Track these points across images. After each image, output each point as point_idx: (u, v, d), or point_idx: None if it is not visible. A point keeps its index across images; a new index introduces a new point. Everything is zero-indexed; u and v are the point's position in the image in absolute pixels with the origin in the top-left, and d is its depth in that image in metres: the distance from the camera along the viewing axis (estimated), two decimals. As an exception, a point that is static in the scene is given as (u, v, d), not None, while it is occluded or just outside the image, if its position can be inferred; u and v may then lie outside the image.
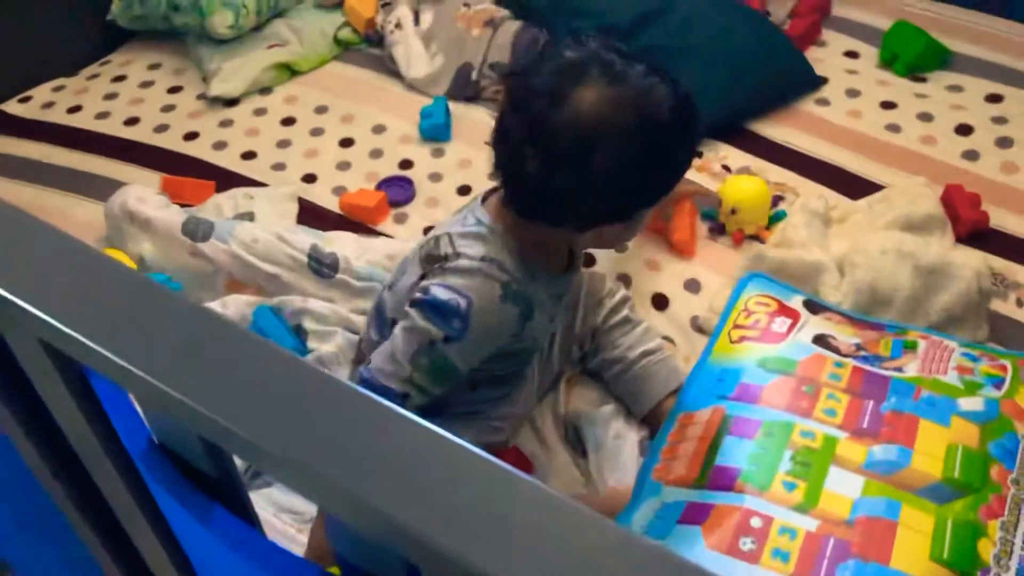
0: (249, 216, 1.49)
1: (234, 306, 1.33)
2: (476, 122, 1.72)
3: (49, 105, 1.84)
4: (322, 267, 1.38)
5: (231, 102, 1.81)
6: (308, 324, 1.34)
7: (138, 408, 0.57)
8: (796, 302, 1.23)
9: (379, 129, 1.74)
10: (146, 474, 0.53)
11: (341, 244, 1.43)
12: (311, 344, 1.33)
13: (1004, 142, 1.63)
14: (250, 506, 0.56)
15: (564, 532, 0.40)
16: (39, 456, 0.72)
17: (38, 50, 1.91)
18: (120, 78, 1.90)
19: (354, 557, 0.49)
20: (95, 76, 1.91)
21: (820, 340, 1.14)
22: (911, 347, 1.16)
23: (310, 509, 1.15)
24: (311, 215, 1.56)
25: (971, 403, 1.03)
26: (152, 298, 0.52)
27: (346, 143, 1.72)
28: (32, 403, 0.67)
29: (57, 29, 1.94)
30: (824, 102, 1.76)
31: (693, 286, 1.44)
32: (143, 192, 1.46)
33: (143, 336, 0.49)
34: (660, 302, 1.42)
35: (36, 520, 0.95)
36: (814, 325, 1.17)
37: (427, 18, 1.90)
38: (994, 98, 1.72)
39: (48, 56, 1.92)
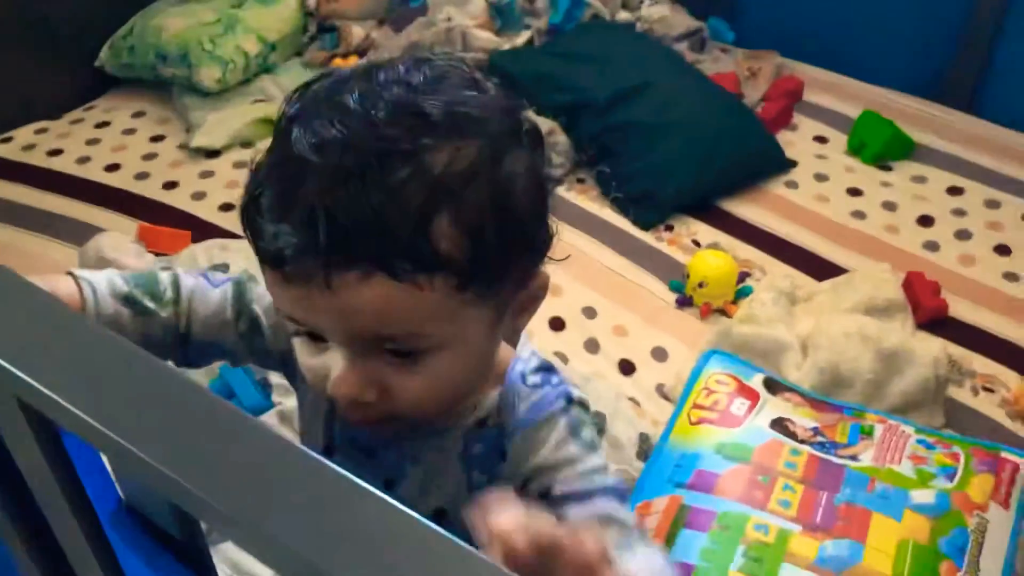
0: (224, 268, 1.50)
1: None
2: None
3: (30, 147, 1.85)
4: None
5: (213, 153, 1.83)
6: (274, 378, 1.34)
7: (109, 469, 0.57)
8: (756, 381, 1.25)
9: (358, 188, 1.76)
10: (113, 534, 0.54)
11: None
12: (275, 398, 1.34)
13: (963, 234, 1.69)
14: (213, 570, 0.56)
15: None
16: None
17: (23, 91, 1.92)
18: (104, 124, 1.91)
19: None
20: (79, 121, 1.93)
21: (777, 424, 1.17)
22: (868, 433, 1.18)
23: (264, 572, 1.14)
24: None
25: (923, 495, 1.05)
26: (127, 360, 0.53)
27: (324, 200, 1.74)
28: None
29: (43, 72, 1.96)
30: (793, 184, 1.81)
31: (660, 354, 1.46)
32: (118, 240, 1.47)
33: (117, 399, 0.51)
34: (626, 367, 1.44)
35: None
36: (772, 407, 1.20)
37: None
38: (955, 190, 1.78)
39: (33, 98, 1.94)
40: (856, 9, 2.04)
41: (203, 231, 1.63)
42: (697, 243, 1.68)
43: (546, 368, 0.75)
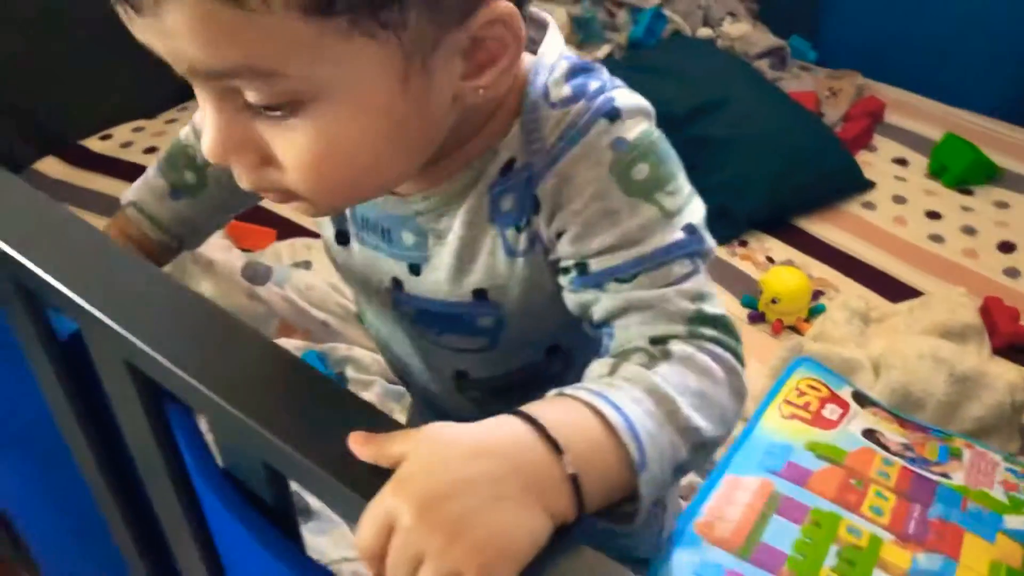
0: (306, 264, 1.55)
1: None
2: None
3: (128, 144, 1.94)
4: None
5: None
6: (350, 372, 1.39)
7: (209, 441, 0.61)
8: (845, 392, 1.25)
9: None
10: (212, 499, 0.57)
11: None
12: (351, 389, 1.38)
13: (1047, 262, 1.66)
14: (301, 536, 0.59)
15: None
16: (96, 467, 0.77)
17: (122, 92, 2.01)
18: (196, 124, 1.99)
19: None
20: (173, 120, 2.01)
21: (869, 435, 1.17)
22: (956, 455, 1.18)
23: (333, 553, 1.18)
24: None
25: (1016, 521, 1.04)
26: (229, 331, 0.57)
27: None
28: (100, 418, 0.72)
29: (141, 74, 2.03)
30: (870, 206, 1.80)
31: (728, 372, 1.46)
32: (208, 234, 1.53)
33: (220, 365, 0.54)
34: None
35: (76, 522, 1.00)
36: (863, 419, 1.20)
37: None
38: (1040, 217, 1.75)
39: (131, 98, 2.03)
40: (940, 31, 2.02)
41: (287, 229, 1.68)
42: (771, 259, 1.68)
43: (579, 70, 0.58)
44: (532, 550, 0.41)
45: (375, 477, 0.46)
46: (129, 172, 1.84)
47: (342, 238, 0.67)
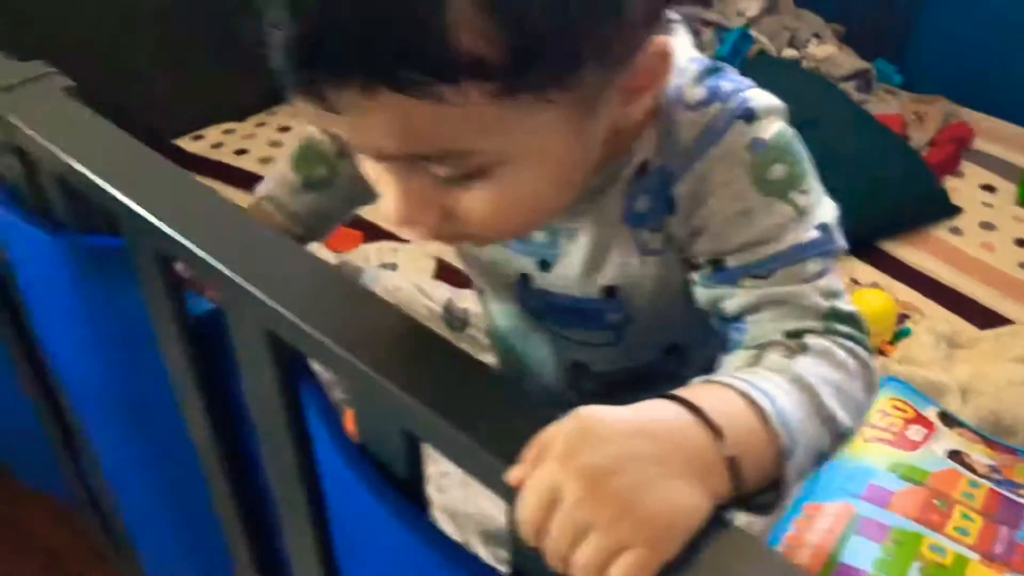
0: (392, 266, 1.58)
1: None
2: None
3: (218, 145, 1.99)
4: (454, 320, 1.45)
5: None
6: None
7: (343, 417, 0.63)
8: (931, 413, 1.24)
9: (518, 203, 1.82)
10: (347, 472, 0.59)
11: (473, 302, 1.50)
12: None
13: None
14: (427, 506, 0.60)
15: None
16: (214, 451, 0.79)
17: (214, 94, 2.06)
18: (285, 128, 2.04)
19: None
20: (262, 124, 2.06)
21: (955, 456, 1.15)
22: (1046, 479, 1.16)
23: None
24: (447, 273, 1.64)
25: None
26: (367, 302, 0.59)
27: (486, 212, 1.80)
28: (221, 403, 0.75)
29: (232, 78, 2.08)
30: (957, 231, 1.77)
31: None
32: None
33: (360, 333, 0.56)
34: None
35: (185, 516, 1.02)
36: (948, 439, 1.18)
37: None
38: None
39: (222, 101, 2.08)
40: (1033, 58, 1.99)
41: (373, 232, 1.71)
42: (856, 282, 1.66)
43: (711, 71, 0.59)
44: (696, 526, 0.42)
45: (514, 442, 0.47)
46: (220, 172, 1.89)
47: None
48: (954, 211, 1.80)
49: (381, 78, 0.43)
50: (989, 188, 1.87)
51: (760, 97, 0.58)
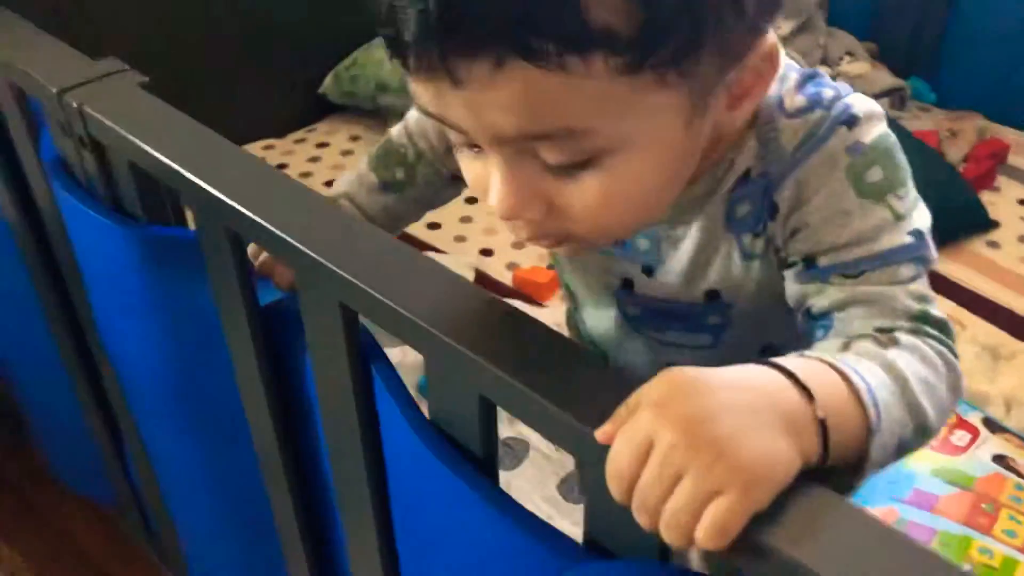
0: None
1: (412, 354, 1.42)
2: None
3: (259, 160, 2.02)
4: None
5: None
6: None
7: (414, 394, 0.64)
8: (975, 418, 1.24)
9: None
10: (421, 447, 0.60)
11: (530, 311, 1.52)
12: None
13: None
14: (497, 474, 0.61)
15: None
16: (274, 440, 0.81)
17: (254, 111, 2.10)
18: (323, 144, 2.07)
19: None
20: (302, 140, 2.10)
21: (1000, 460, 1.15)
22: (1090, 481, 1.15)
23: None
24: (486, 284, 1.65)
25: None
26: (437, 274, 0.61)
27: (523, 226, 1.82)
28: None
29: (272, 95, 2.14)
30: (995, 244, 1.77)
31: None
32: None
33: (432, 303, 0.57)
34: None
35: (236, 511, 1.03)
36: (993, 444, 1.18)
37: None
38: None
39: (262, 117, 2.12)
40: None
41: (409, 243, 1.73)
42: (893, 293, 1.66)
43: (809, 78, 0.59)
44: (787, 479, 0.42)
45: (593, 403, 0.48)
46: (261, 186, 1.92)
47: None
48: (992, 225, 1.80)
49: (515, 48, 0.45)
50: (1026, 203, 1.88)
51: (861, 102, 0.59)
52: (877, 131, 0.58)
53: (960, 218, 1.79)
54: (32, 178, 0.96)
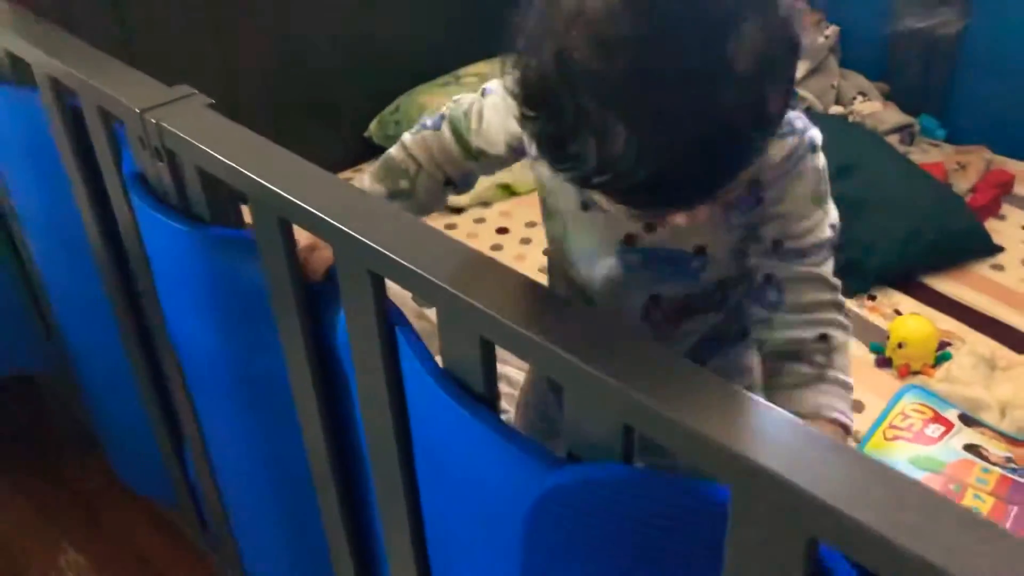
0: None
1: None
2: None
3: (308, 197, 2.19)
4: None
5: (456, 210, 2.10)
6: (502, 387, 1.54)
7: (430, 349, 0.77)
8: (951, 414, 1.33)
9: (580, 245, 1.98)
10: (439, 393, 0.73)
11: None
12: (502, 405, 1.53)
13: None
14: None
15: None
16: (319, 423, 0.94)
17: (304, 152, 2.26)
18: (367, 182, 2.24)
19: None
20: (348, 179, 2.26)
21: (971, 448, 1.24)
22: (1062, 468, 1.23)
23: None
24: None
25: None
26: (441, 241, 0.74)
27: (550, 253, 1.96)
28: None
29: (321, 137, 2.31)
30: (999, 267, 1.86)
31: (856, 406, 1.54)
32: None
33: (440, 266, 0.71)
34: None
35: (289, 503, 1.16)
36: (966, 435, 1.27)
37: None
38: None
39: (311, 158, 2.28)
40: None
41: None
42: (899, 312, 1.76)
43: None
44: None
45: (566, 334, 0.61)
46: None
47: (585, 206, 0.88)
48: (996, 250, 1.89)
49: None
50: (1031, 229, 1.97)
51: (817, 134, 0.82)
52: (823, 156, 0.82)
53: (964, 243, 1.89)
54: (112, 191, 1.11)
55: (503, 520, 0.72)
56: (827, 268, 0.83)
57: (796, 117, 0.80)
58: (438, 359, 0.76)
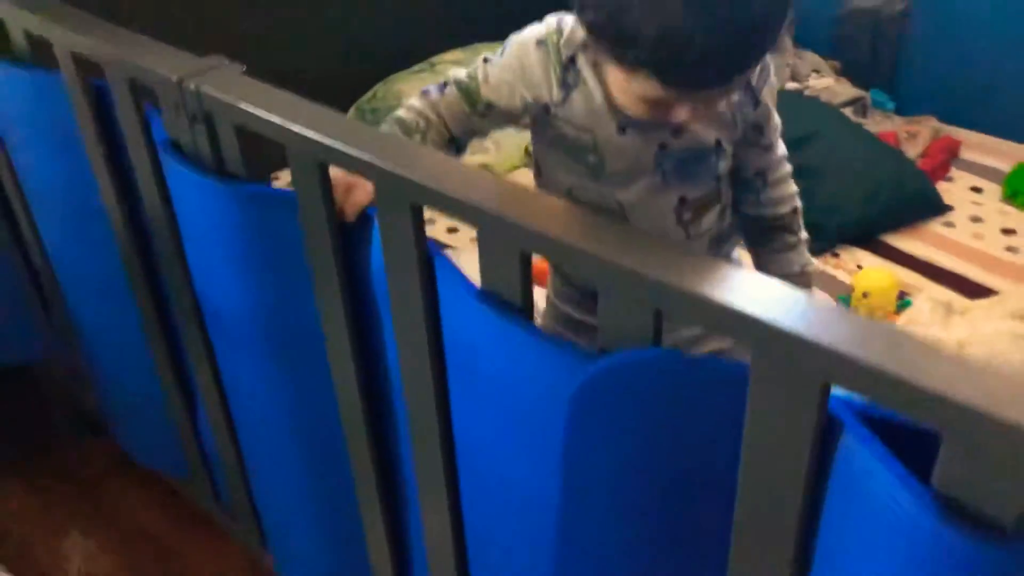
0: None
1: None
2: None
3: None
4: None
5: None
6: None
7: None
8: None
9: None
10: (479, 311, 0.82)
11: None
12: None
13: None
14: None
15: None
16: (354, 377, 1.01)
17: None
18: (349, 168, 2.31)
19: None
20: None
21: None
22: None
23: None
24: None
25: None
26: (474, 173, 0.83)
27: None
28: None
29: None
30: (950, 224, 2.00)
31: (826, 352, 1.66)
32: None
33: (477, 191, 0.80)
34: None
35: (317, 466, 1.21)
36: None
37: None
38: (1107, 228, 1.93)
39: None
40: (1009, 80, 2.24)
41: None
42: (861, 267, 1.88)
43: None
44: None
45: (602, 245, 0.71)
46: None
47: (622, 130, 1.03)
48: (946, 209, 2.03)
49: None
50: (977, 189, 2.11)
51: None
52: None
53: (917, 204, 2.02)
54: (138, 161, 1.18)
55: (541, 418, 0.81)
56: (784, 151, 1.11)
57: None
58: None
